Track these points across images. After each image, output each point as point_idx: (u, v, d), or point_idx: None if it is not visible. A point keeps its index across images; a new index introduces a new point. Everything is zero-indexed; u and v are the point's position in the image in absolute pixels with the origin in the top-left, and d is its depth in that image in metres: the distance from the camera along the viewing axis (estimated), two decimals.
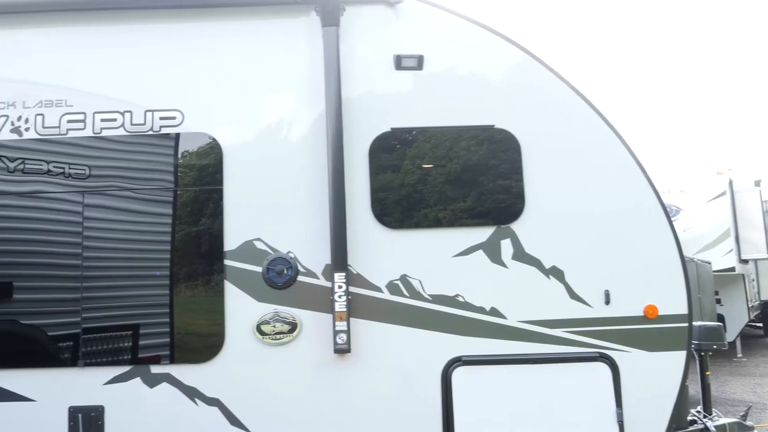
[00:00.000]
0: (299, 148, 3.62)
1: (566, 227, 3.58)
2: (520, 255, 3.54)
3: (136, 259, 3.56)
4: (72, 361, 3.49)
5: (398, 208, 3.57)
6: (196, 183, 3.61)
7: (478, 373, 3.48)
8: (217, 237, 3.54)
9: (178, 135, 3.63)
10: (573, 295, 3.52)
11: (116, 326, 3.52)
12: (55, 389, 3.50)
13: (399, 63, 3.63)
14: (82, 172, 3.61)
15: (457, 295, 3.52)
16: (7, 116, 3.67)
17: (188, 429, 3.46)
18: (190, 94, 3.68)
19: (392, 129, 3.62)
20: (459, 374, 3.46)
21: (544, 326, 3.51)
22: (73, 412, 3.47)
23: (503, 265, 3.54)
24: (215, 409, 3.47)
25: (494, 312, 3.51)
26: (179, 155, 3.63)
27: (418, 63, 3.64)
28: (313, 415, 3.46)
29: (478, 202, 3.58)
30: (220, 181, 3.58)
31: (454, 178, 3.60)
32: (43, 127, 3.65)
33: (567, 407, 3.47)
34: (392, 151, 3.62)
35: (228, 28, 3.75)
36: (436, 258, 3.54)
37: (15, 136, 3.65)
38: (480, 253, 3.55)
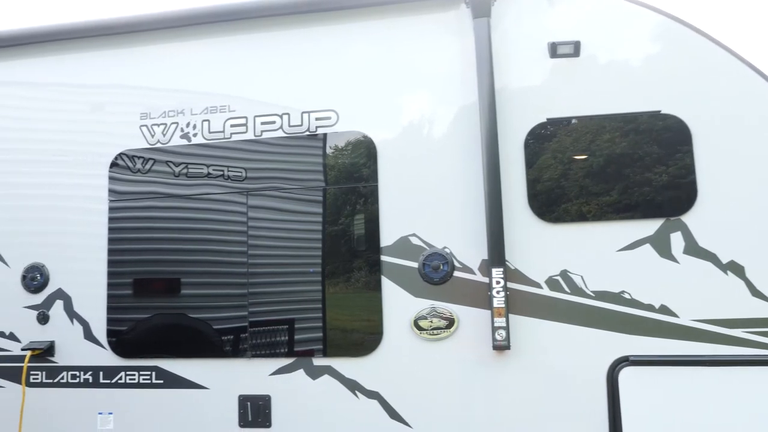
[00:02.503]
0: (452, 143, 3.59)
1: (745, 219, 3.28)
2: (693, 249, 3.30)
3: (296, 256, 3.69)
4: (241, 353, 3.68)
5: (557, 201, 3.44)
6: (352, 181, 3.68)
7: (647, 373, 3.29)
8: (374, 233, 3.59)
9: (333, 135, 3.71)
10: (755, 293, 3.22)
11: (280, 320, 3.67)
12: (226, 378, 3.71)
13: (554, 51, 3.50)
14: (245, 174, 3.79)
15: (623, 292, 3.34)
16: (177, 123, 3.93)
17: (350, 421, 3.54)
18: (343, 95, 3.76)
19: (548, 119, 3.49)
20: (626, 375, 3.29)
21: (722, 326, 3.25)
22: (243, 400, 3.67)
23: (673, 260, 3.32)
24: (375, 402, 3.53)
25: (664, 310, 3.30)
26: (335, 154, 3.72)
27: (575, 49, 3.48)
28: (471, 412, 3.43)
29: (642, 193, 3.38)
30: (375, 178, 3.63)
31: (615, 169, 3.42)
32: (209, 132, 3.88)
33: (745, 414, 3.19)
34: (549, 142, 3.50)
35: (378, 27, 3.79)
36: (598, 253, 3.38)
37: (184, 142, 3.90)
38: (647, 248, 3.35)
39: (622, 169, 3.40)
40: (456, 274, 3.50)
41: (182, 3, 4.02)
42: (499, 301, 3.37)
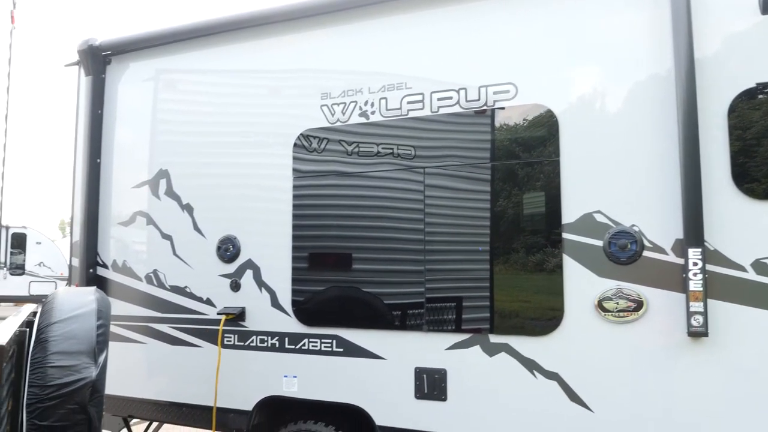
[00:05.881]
0: (643, 113, 3.36)
1: None
2: None
3: (475, 234, 3.66)
4: (417, 326, 3.75)
5: (767, 175, 3.10)
6: (532, 155, 3.57)
7: None
8: (555, 210, 3.47)
9: (511, 108, 3.63)
10: None
11: (456, 297, 3.68)
12: (404, 350, 3.80)
13: (766, 7, 3.13)
14: (420, 151, 3.82)
15: None
16: (356, 102, 4.05)
17: (527, 400, 3.48)
18: (522, 67, 3.65)
19: (758, 84, 3.14)
20: None
21: None
22: (419, 372, 3.74)
23: None
24: (554, 383, 3.44)
25: None
26: (514, 128, 3.63)
27: None
28: (658, 400, 3.23)
29: None
30: (557, 153, 3.50)
31: None
32: (387, 110, 3.95)
33: None
34: (758, 109, 3.15)
35: None
36: None
37: (363, 120, 4.02)
38: None
39: None
40: (645, 253, 3.29)
41: None
42: (696, 284, 3.12)
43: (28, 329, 3.23)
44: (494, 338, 3.57)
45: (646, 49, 3.38)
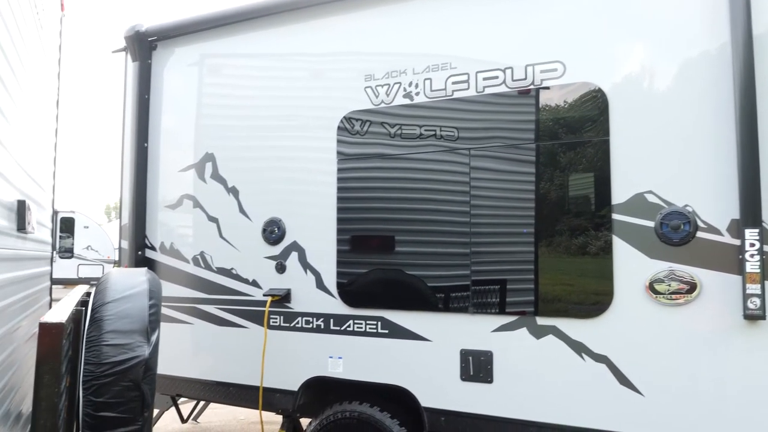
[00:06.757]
0: (695, 90, 3.25)
1: None
2: None
3: (521, 216, 3.62)
4: (463, 309, 3.73)
5: None
6: (580, 135, 3.50)
7: None
8: (604, 190, 3.40)
9: (560, 87, 3.56)
10: None
11: (502, 279, 3.65)
12: (449, 332, 3.80)
13: None
14: (467, 132, 3.78)
15: None
16: (400, 83, 4.03)
17: (575, 383, 3.44)
18: (569, 44, 3.57)
19: None
20: None
21: None
22: (464, 354, 3.73)
23: None
24: (603, 367, 3.39)
25: None
26: (562, 108, 3.56)
27: None
28: (710, 386, 3.15)
29: None
30: (607, 132, 3.42)
31: None
32: (431, 90, 3.92)
33: None
34: None
35: None
36: None
37: (407, 101, 3.99)
38: None
39: None
40: (699, 234, 3.21)
41: None
42: (753, 265, 3.03)
43: (83, 308, 3.33)
44: (541, 320, 3.54)
45: (700, 24, 3.27)
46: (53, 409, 2.31)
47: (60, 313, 2.63)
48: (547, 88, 3.59)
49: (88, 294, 3.69)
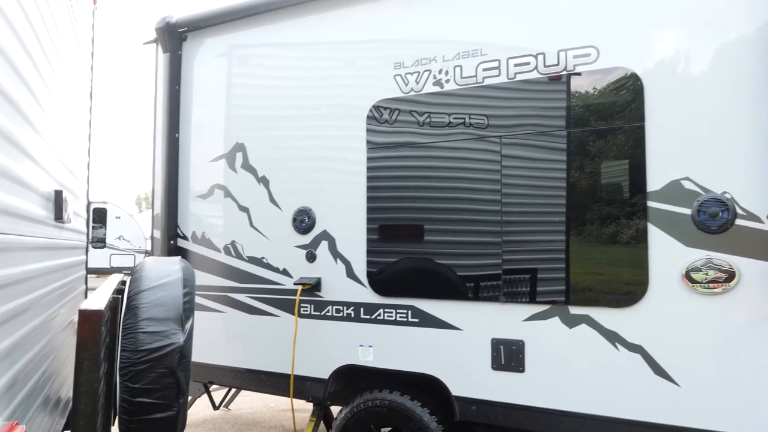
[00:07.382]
0: (733, 75, 3.16)
1: None
2: None
3: (552, 204, 3.57)
4: (494, 298, 3.71)
5: None
6: (614, 121, 3.44)
7: None
8: (639, 177, 3.34)
9: (593, 72, 3.49)
10: None
11: (533, 268, 3.61)
12: (480, 321, 3.78)
13: None
14: (497, 119, 3.74)
15: None
16: (430, 70, 3.99)
17: (609, 372, 3.40)
18: (603, 29, 3.50)
19: None
20: None
21: None
22: (496, 343, 3.71)
23: None
24: (637, 356, 3.34)
25: None
26: (596, 93, 3.50)
27: None
28: (748, 377, 3.09)
29: None
30: (642, 118, 3.35)
31: None
32: (462, 78, 3.88)
33: None
34: None
35: None
36: None
37: (437, 89, 3.96)
38: None
39: None
40: (738, 222, 3.13)
41: None
42: None
43: (120, 296, 3.39)
44: (574, 310, 3.50)
45: (737, 5, 3.17)
46: (92, 394, 2.35)
47: (98, 300, 2.68)
48: (580, 73, 3.53)
49: (123, 282, 3.75)
